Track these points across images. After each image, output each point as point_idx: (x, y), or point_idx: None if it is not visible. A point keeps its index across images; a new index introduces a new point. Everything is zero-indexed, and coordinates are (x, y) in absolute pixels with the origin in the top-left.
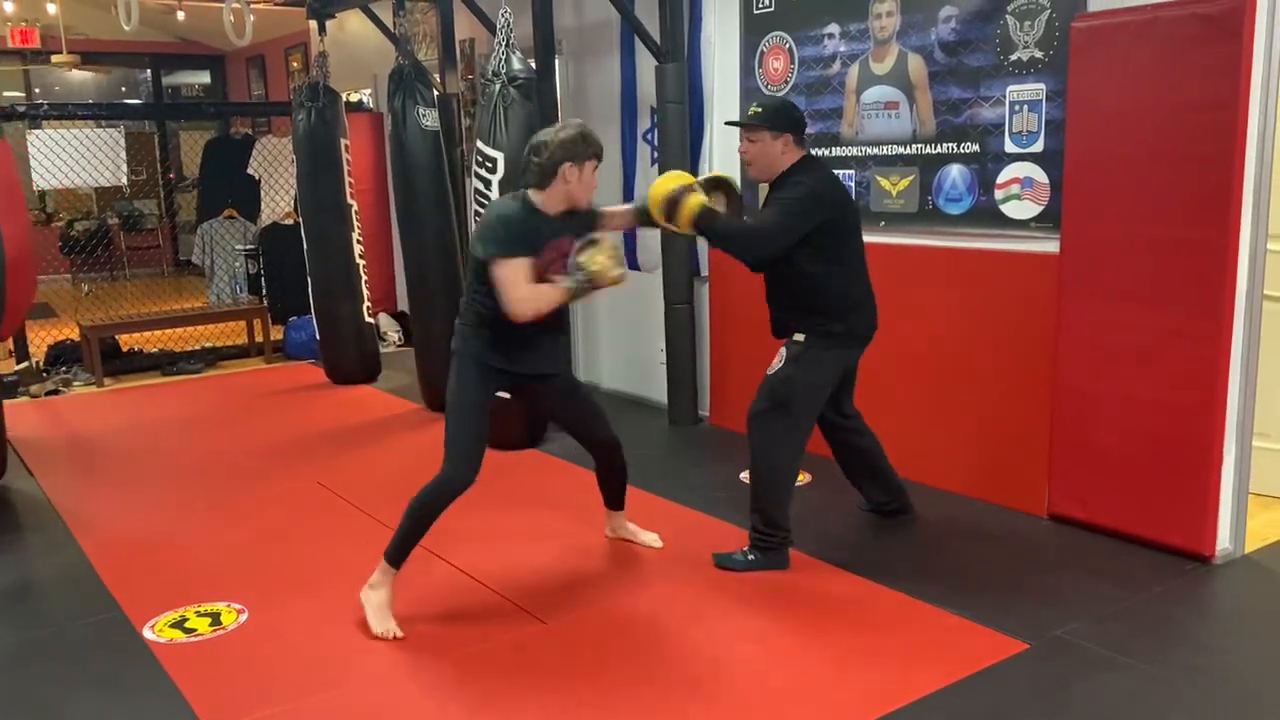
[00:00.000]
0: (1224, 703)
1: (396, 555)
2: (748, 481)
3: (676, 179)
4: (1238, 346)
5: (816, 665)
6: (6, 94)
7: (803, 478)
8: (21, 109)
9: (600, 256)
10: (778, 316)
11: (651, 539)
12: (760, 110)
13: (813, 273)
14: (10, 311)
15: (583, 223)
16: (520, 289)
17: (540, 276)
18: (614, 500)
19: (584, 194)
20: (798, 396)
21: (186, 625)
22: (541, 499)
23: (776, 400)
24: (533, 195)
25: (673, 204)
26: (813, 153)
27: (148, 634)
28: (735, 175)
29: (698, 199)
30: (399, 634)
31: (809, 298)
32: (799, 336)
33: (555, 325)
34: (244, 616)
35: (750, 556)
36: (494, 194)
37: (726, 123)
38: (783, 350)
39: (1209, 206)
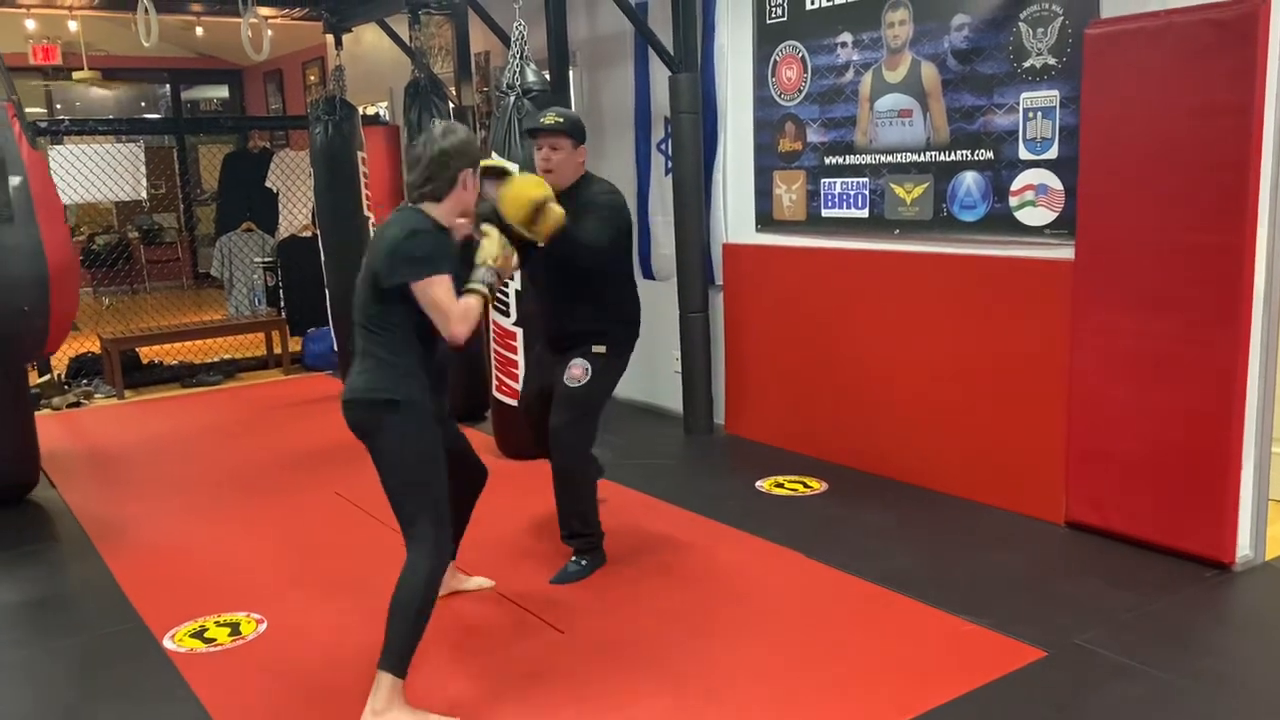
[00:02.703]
0: (1242, 710)
1: (403, 665)
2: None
3: (540, 185)
4: (1255, 352)
5: (833, 673)
6: (29, 110)
7: (817, 486)
8: (44, 125)
9: (493, 248)
10: (571, 329)
11: (481, 582)
12: (562, 120)
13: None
14: (55, 321)
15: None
16: (456, 307)
17: None
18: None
19: (473, 200)
20: (600, 403)
21: (206, 635)
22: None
23: (582, 409)
24: (430, 209)
25: (538, 210)
26: (827, 161)
27: (168, 644)
28: (748, 177)
29: (560, 210)
30: None
31: (608, 306)
32: (599, 348)
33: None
34: (263, 626)
35: (583, 562)
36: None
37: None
38: (580, 361)
39: (1225, 211)
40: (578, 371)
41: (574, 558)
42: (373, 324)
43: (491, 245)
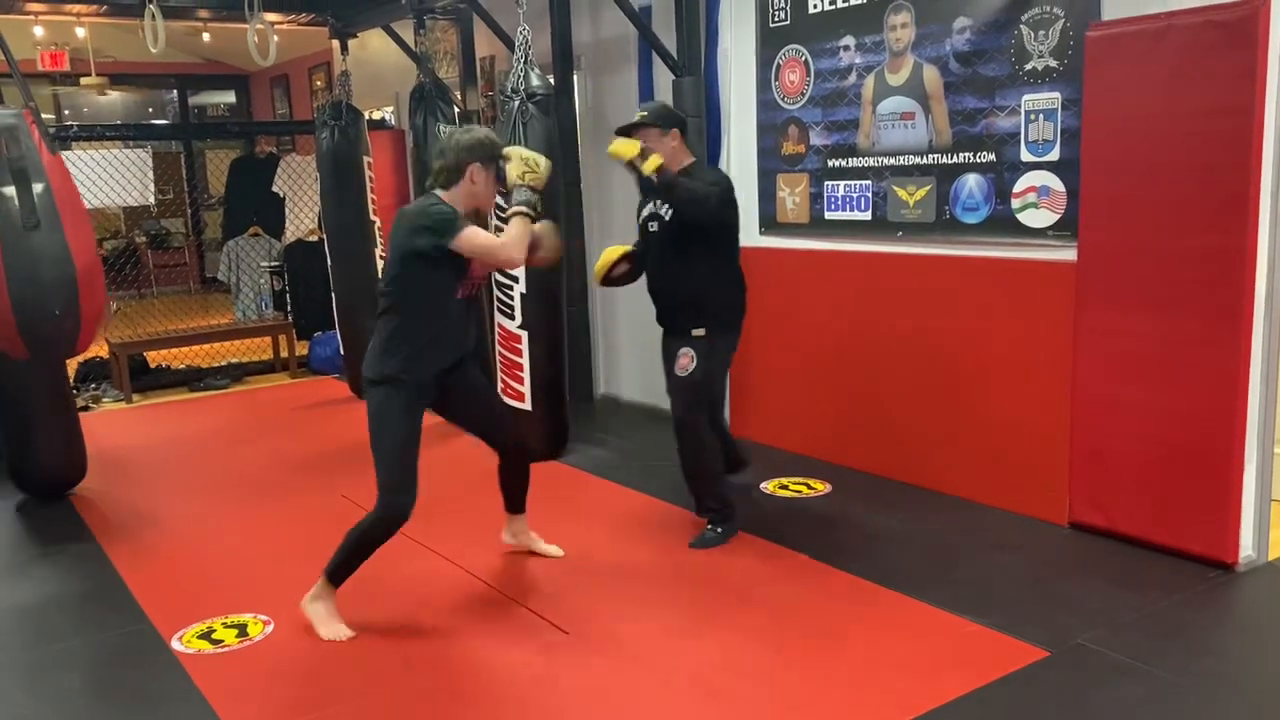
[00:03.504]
0: (1245, 711)
1: (337, 576)
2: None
3: (635, 145)
4: (1257, 352)
5: (836, 674)
6: None
7: (821, 487)
8: (53, 131)
9: (516, 166)
10: (674, 312)
11: (554, 550)
12: (645, 113)
13: (713, 262)
14: (85, 322)
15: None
16: (494, 238)
17: (463, 294)
18: (514, 502)
19: (488, 199)
20: (710, 383)
21: (214, 636)
22: (562, 510)
23: (693, 396)
24: (442, 195)
25: (642, 155)
26: (830, 164)
27: (176, 645)
28: (752, 180)
29: (658, 157)
30: (350, 634)
31: (706, 288)
32: (698, 331)
33: (468, 314)
34: (270, 628)
35: (719, 530)
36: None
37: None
38: (685, 349)
39: (1226, 212)
40: (685, 361)
41: (709, 526)
42: (385, 303)
43: (514, 165)
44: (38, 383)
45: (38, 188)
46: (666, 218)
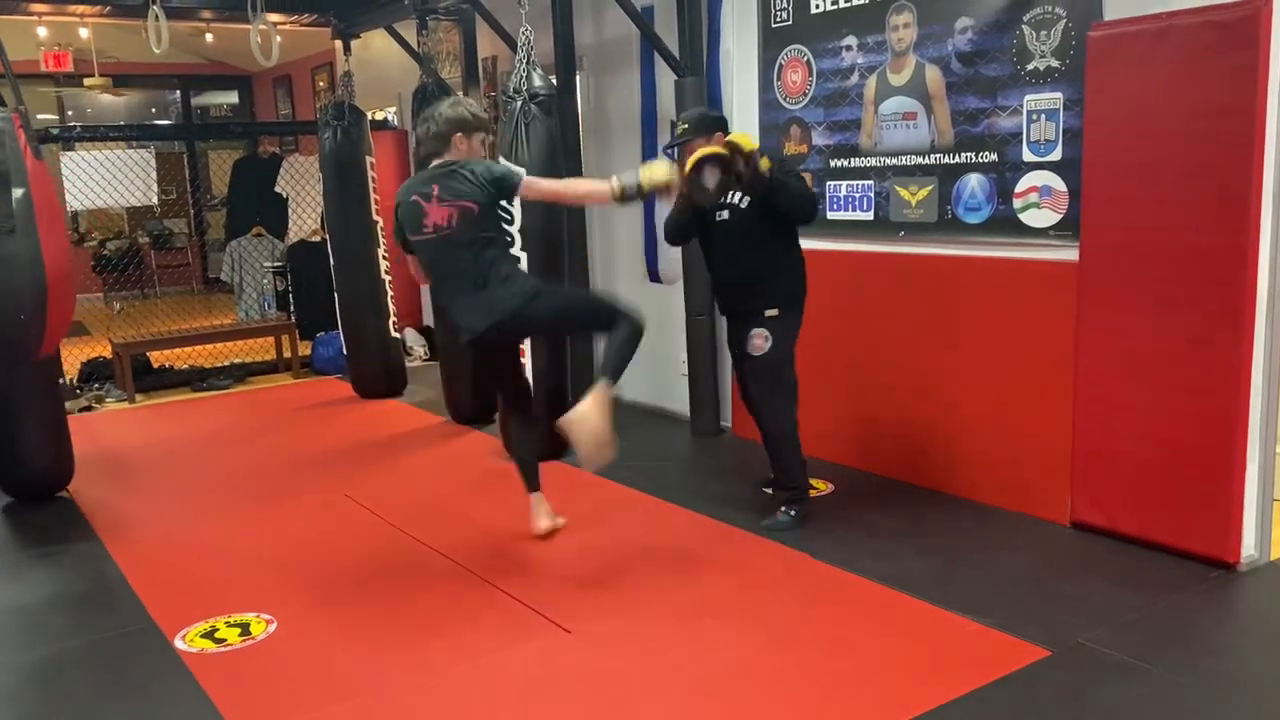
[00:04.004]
0: (1246, 710)
1: (614, 374)
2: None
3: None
4: (1259, 352)
5: (839, 673)
6: (40, 117)
7: (823, 487)
8: (55, 132)
9: (657, 173)
10: (744, 297)
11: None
12: (687, 124)
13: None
14: (50, 329)
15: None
16: (560, 183)
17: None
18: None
19: (478, 152)
20: (787, 361)
21: (217, 635)
22: (564, 509)
23: (775, 375)
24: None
25: (754, 154)
26: (832, 164)
27: (179, 644)
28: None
29: (767, 160)
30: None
31: (774, 272)
32: (771, 311)
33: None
34: (273, 627)
35: (793, 512)
36: (516, 209)
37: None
38: (759, 330)
39: (1228, 212)
40: (759, 341)
41: (783, 508)
42: (492, 243)
43: (655, 166)
44: (23, 383)
45: (17, 193)
46: (743, 206)
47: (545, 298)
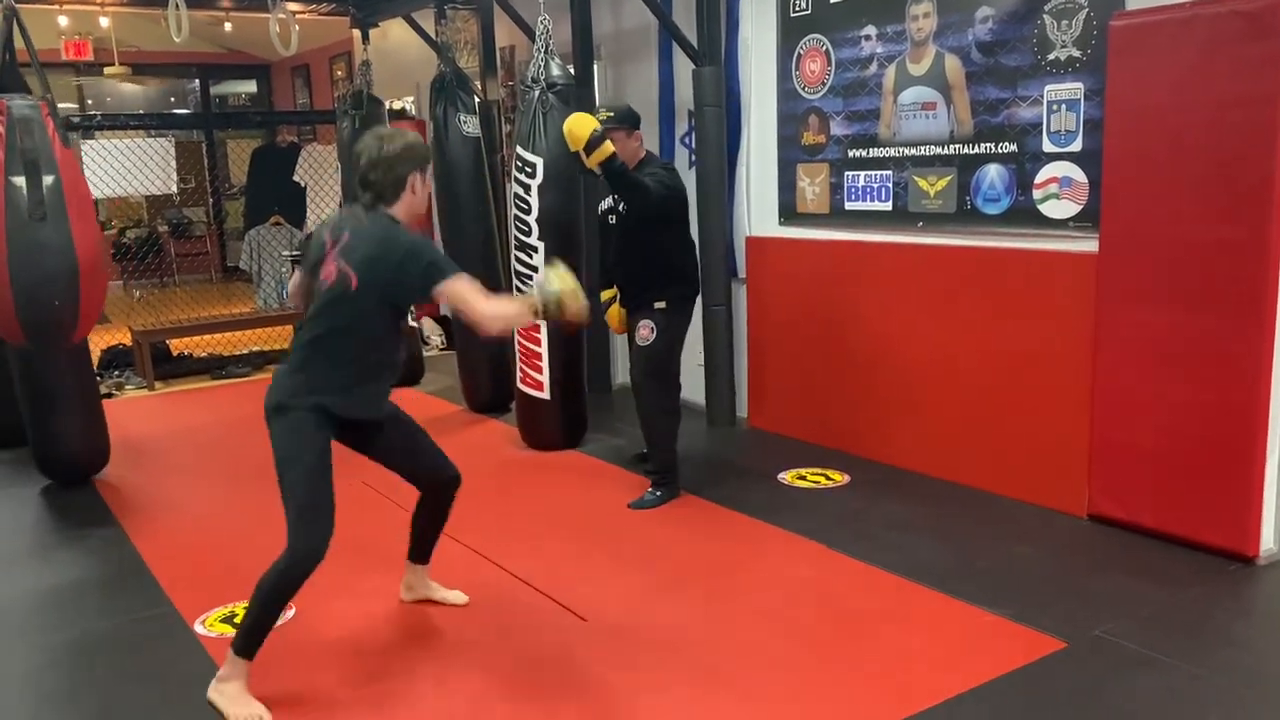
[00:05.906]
0: (1264, 703)
1: (246, 647)
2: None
3: (593, 122)
4: None
5: (855, 663)
6: (61, 106)
7: (840, 478)
8: (76, 120)
9: (568, 281)
10: (637, 289)
11: (457, 597)
12: (611, 114)
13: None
14: (83, 314)
15: None
16: (489, 302)
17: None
18: (422, 550)
19: (423, 204)
20: (669, 352)
21: (236, 620)
22: (582, 499)
23: (654, 363)
24: (389, 212)
25: (592, 144)
26: (850, 154)
27: (199, 628)
28: (772, 170)
29: (610, 146)
30: (266, 715)
31: (665, 268)
32: (660, 304)
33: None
34: (291, 612)
35: (657, 493)
36: (533, 199)
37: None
38: (646, 321)
39: (1249, 204)
40: (645, 332)
41: (649, 489)
42: (321, 322)
43: (561, 277)
44: (62, 369)
45: (48, 180)
46: (622, 210)
47: (279, 427)
